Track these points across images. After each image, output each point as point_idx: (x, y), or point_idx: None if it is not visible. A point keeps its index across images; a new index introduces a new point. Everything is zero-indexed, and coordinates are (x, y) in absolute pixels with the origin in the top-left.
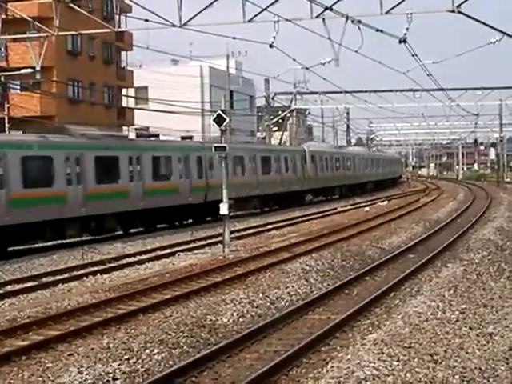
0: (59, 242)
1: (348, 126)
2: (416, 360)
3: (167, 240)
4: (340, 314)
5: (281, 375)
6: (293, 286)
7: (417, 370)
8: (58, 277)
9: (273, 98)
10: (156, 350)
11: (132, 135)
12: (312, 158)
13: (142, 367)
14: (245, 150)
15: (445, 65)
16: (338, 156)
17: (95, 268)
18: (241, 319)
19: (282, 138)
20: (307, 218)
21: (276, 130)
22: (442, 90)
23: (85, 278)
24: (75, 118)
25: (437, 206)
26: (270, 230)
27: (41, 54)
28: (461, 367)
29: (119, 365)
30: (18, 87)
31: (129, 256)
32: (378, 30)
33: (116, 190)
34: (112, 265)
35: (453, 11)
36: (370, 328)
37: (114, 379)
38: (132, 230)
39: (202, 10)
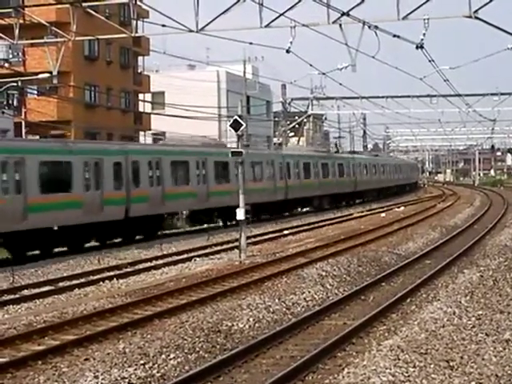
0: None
1: (364, 132)
2: (432, 366)
3: (183, 245)
4: (356, 319)
5: (297, 381)
6: (309, 292)
7: (433, 376)
8: (75, 281)
9: (289, 104)
10: (172, 355)
11: (149, 140)
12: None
13: (157, 372)
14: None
15: (462, 70)
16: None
17: (111, 273)
18: (257, 324)
19: (298, 144)
20: (323, 223)
21: (292, 136)
22: (458, 95)
23: (101, 283)
24: (92, 123)
25: (453, 211)
26: (286, 235)
27: (58, 59)
28: (477, 374)
29: (135, 370)
30: (35, 92)
31: (145, 261)
32: (394, 36)
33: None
34: (128, 270)
35: (470, 17)
36: (386, 334)
37: None
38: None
39: (218, 16)
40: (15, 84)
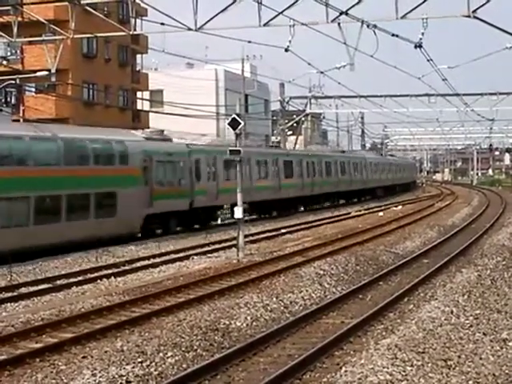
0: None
1: (363, 131)
2: (430, 365)
3: (181, 243)
4: (354, 318)
5: (294, 379)
6: (307, 291)
7: (430, 375)
8: (72, 279)
9: (288, 102)
10: (170, 354)
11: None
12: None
13: (155, 370)
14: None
15: (460, 70)
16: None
17: (109, 271)
18: (254, 323)
19: (296, 143)
20: (321, 222)
21: (291, 135)
22: (457, 95)
23: (99, 281)
24: (90, 121)
25: (451, 211)
26: (284, 234)
27: (56, 57)
28: (474, 373)
29: (133, 368)
30: (34, 90)
31: (143, 259)
32: (393, 35)
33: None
34: (126, 268)
35: (468, 16)
36: (384, 333)
37: (128, 382)
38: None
39: (217, 14)
40: (13, 82)
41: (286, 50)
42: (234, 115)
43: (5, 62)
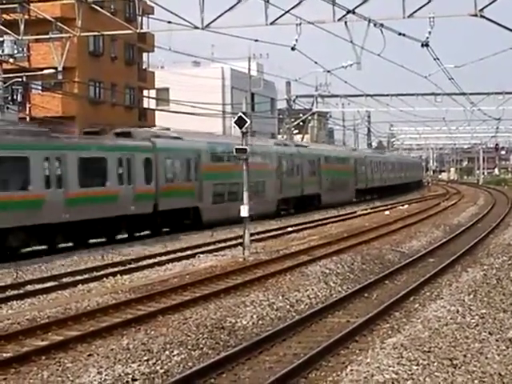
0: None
1: (369, 130)
2: (435, 364)
3: (187, 241)
4: (359, 317)
5: (300, 378)
6: (312, 289)
7: (436, 374)
8: (78, 277)
9: (294, 101)
10: (175, 352)
11: None
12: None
13: (161, 368)
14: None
15: (466, 69)
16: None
17: (115, 269)
18: (260, 321)
19: (302, 141)
20: (327, 221)
21: (297, 133)
22: (463, 94)
23: (105, 279)
24: (96, 119)
25: (457, 210)
26: (290, 232)
27: (63, 55)
28: (480, 372)
29: (139, 366)
30: (40, 87)
31: (149, 257)
32: (400, 34)
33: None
34: (132, 266)
35: (475, 15)
36: (390, 332)
37: (134, 380)
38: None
39: (224, 13)
40: (20, 79)
41: (293, 49)
42: (240, 113)
43: (11, 60)
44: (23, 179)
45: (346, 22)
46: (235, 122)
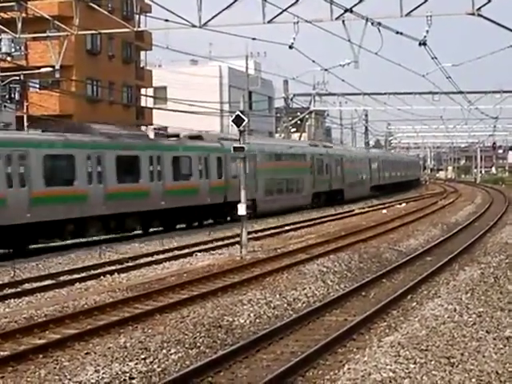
0: (78, 240)
1: (366, 128)
2: (433, 363)
3: (185, 240)
4: (357, 315)
5: (297, 376)
6: (310, 288)
7: (433, 372)
8: (76, 276)
9: (291, 99)
10: (173, 350)
11: (151, 135)
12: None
13: (158, 367)
14: None
15: (464, 68)
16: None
17: (112, 267)
18: (258, 320)
19: (300, 140)
20: (325, 219)
21: (294, 132)
22: (461, 92)
23: (102, 277)
24: (94, 118)
25: (455, 208)
26: (287, 231)
27: (60, 53)
28: (477, 371)
29: (136, 364)
30: (37, 86)
31: (146, 255)
32: (397, 33)
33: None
34: (129, 264)
35: (473, 14)
36: (387, 330)
37: (131, 378)
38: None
39: (221, 11)
40: (17, 78)
41: (290, 47)
42: (237, 112)
43: (9, 58)
44: (136, 174)
45: (343, 21)
46: (233, 121)
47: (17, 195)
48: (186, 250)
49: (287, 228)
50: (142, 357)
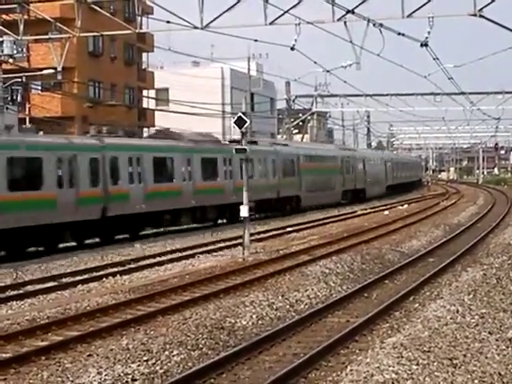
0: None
1: (368, 129)
2: (435, 364)
3: (187, 241)
4: (359, 317)
5: (300, 378)
6: (312, 289)
7: (436, 374)
8: (78, 277)
9: (293, 101)
10: (175, 352)
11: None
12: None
13: (161, 368)
14: None
15: (466, 69)
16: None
17: (115, 269)
18: (260, 322)
19: (302, 141)
20: (327, 220)
21: (297, 133)
22: (462, 93)
23: (104, 279)
24: (96, 119)
25: (457, 209)
26: (290, 232)
27: (62, 55)
28: (480, 372)
29: (138, 366)
30: (39, 88)
31: (148, 257)
32: (399, 34)
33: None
34: (132, 266)
35: (474, 15)
36: (390, 332)
37: (133, 380)
38: (149, 232)
39: (223, 13)
40: (19, 80)
41: (292, 49)
42: (239, 114)
43: (11, 60)
44: (215, 173)
45: (345, 22)
46: (235, 122)
47: (137, 190)
48: (189, 252)
49: (289, 229)
50: (145, 358)
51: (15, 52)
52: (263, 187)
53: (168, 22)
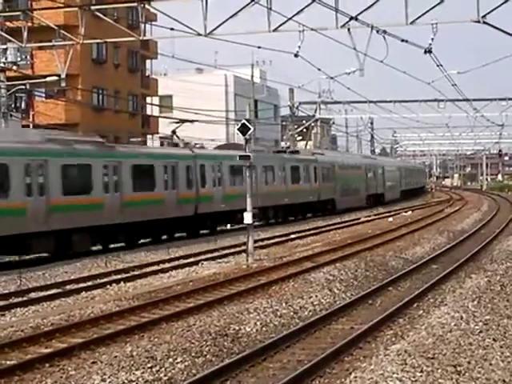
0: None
1: (372, 136)
2: (439, 371)
3: (191, 248)
4: (363, 324)
5: None
6: (316, 296)
7: (440, 381)
8: (82, 284)
9: (297, 108)
10: (179, 359)
11: (156, 143)
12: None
13: (165, 376)
14: None
15: (470, 75)
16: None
17: (119, 276)
18: (264, 328)
19: (306, 148)
20: (331, 227)
21: (300, 140)
22: (466, 100)
23: (108, 286)
24: (99, 126)
25: (461, 216)
26: (293, 239)
27: (66, 62)
28: (484, 379)
29: (142, 373)
30: (43, 95)
31: (152, 264)
32: (403, 41)
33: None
34: (135, 273)
35: (478, 21)
36: (394, 338)
37: None
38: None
39: (227, 20)
40: (23, 87)
41: (296, 56)
42: (243, 120)
43: (15, 68)
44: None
45: (348, 29)
46: (238, 129)
47: (218, 192)
48: (192, 259)
49: (293, 236)
50: (149, 365)
51: (19, 59)
52: (307, 191)
53: (172, 29)
